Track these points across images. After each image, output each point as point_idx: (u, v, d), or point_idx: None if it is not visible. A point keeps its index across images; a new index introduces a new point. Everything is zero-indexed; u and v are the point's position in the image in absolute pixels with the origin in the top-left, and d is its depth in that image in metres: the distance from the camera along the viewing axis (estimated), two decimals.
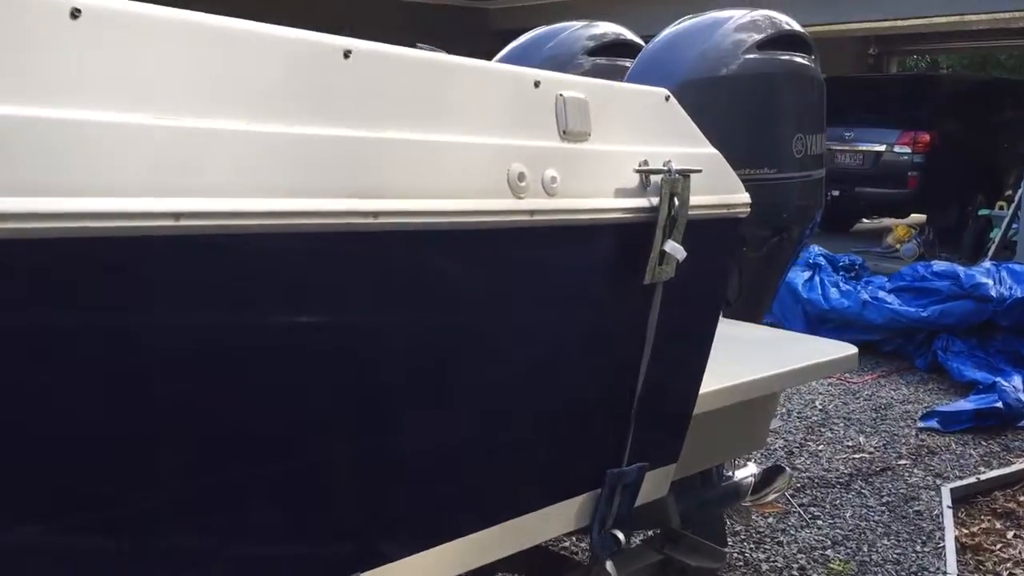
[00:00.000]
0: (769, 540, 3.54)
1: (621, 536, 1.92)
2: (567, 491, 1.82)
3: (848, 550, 3.48)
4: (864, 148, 11.26)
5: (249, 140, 1.20)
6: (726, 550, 3.37)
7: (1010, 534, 3.73)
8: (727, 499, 3.20)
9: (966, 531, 3.75)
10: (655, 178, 1.71)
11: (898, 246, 10.37)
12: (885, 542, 3.56)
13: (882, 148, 11.13)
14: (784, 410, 5.02)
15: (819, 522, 3.71)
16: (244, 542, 1.38)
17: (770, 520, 3.70)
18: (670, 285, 1.79)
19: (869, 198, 11.48)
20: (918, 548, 3.52)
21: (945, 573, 3.31)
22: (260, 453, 1.34)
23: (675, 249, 1.73)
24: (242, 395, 1.28)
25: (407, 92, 1.40)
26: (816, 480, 4.12)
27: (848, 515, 3.79)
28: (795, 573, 3.29)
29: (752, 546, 3.49)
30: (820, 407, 5.12)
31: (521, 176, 1.51)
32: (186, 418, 1.23)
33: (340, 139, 1.29)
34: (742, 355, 2.44)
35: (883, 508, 3.86)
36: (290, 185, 1.23)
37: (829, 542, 3.54)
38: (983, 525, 3.83)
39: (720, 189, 1.87)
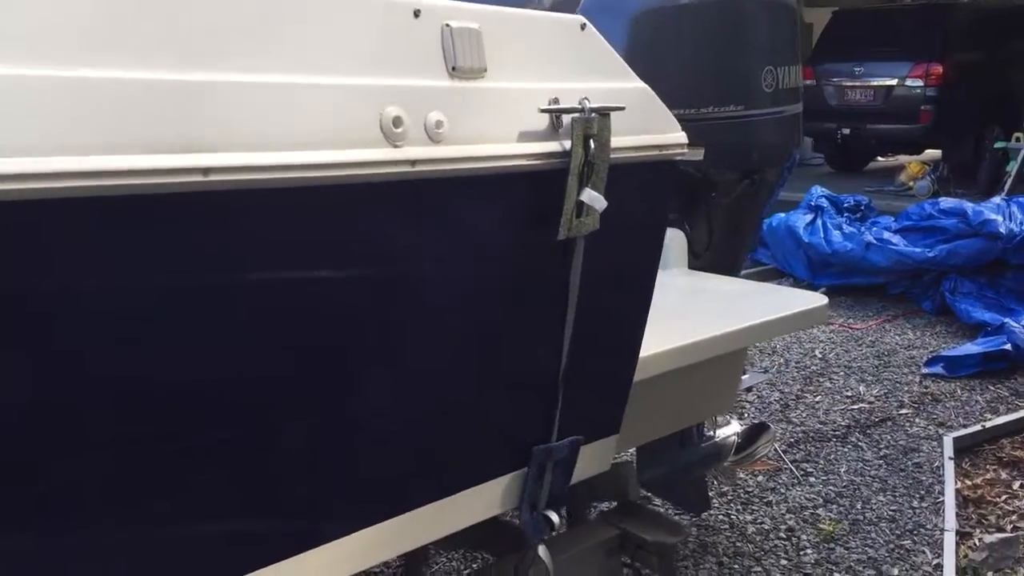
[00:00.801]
0: (757, 500, 3.36)
1: (555, 517, 1.74)
2: (489, 472, 1.64)
3: (841, 508, 3.29)
4: (875, 83, 10.88)
5: (33, 87, 1.01)
6: (708, 512, 3.21)
7: (1016, 484, 3.53)
8: (707, 460, 3.02)
9: (969, 483, 3.55)
10: (567, 118, 1.50)
11: (911, 184, 10.04)
12: (880, 498, 3.37)
13: (893, 82, 10.75)
14: (782, 360, 4.82)
15: (811, 479, 3.53)
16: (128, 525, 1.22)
17: (759, 478, 3.52)
18: (596, 239, 1.59)
19: (881, 135, 11.13)
20: (915, 503, 3.33)
21: (943, 530, 3.12)
22: (130, 443, 1.17)
23: (593, 199, 1.53)
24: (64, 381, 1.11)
25: (245, 23, 1.20)
26: (811, 434, 3.93)
27: (843, 470, 3.59)
28: (783, 535, 3.12)
29: (739, 507, 3.31)
30: (820, 355, 4.91)
31: (397, 121, 1.30)
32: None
33: (152, 83, 1.09)
34: (702, 310, 2.24)
35: (880, 462, 3.67)
36: (88, 140, 1.04)
37: (821, 500, 3.36)
38: (987, 476, 3.63)
39: (651, 128, 1.66)
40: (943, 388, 4.45)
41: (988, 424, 3.99)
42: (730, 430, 3.11)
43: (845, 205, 6.44)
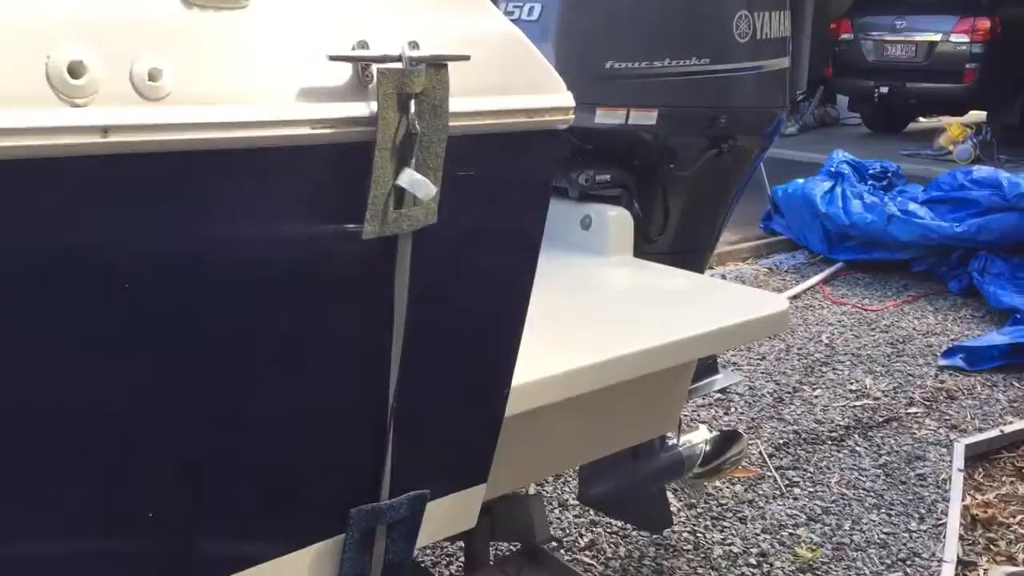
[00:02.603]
0: (731, 515, 2.94)
1: None
2: (287, 541, 1.24)
3: (825, 529, 2.86)
4: (917, 38, 10.20)
5: None
6: (670, 528, 2.80)
7: None
8: (666, 474, 2.61)
9: (979, 498, 3.11)
10: (375, 70, 1.07)
11: (951, 148, 9.37)
12: (873, 517, 2.93)
13: (937, 37, 10.05)
14: (782, 346, 4.36)
15: (796, 490, 3.09)
16: None
17: (737, 488, 3.10)
18: (441, 235, 1.16)
19: (922, 94, 10.44)
20: (913, 525, 2.89)
21: (941, 561, 2.69)
22: None
23: (415, 183, 1.10)
24: None
25: None
26: (804, 435, 3.48)
27: (834, 481, 3.15)
28: (752, 561, 2.70)
29: (708, 523, 2.89)
30: (826, 341, 4.44)
31: (76, 69, 0.88)
32: None
33: None
34: (637, 313, 1.81)
35: (878, 471, 3.22)
36: None
37: (804, 518, 2.93)
38: (1002, 490, 3.17)
39: (518, 86, 1.22)
40: (960, 383, 3.98)
41: (1007, 429, 3.52)
42: (697, 438, 2.69)
43: (870, 172, 5.91)
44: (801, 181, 5.81)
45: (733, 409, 3.67)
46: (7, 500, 0.97)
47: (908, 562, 2.70)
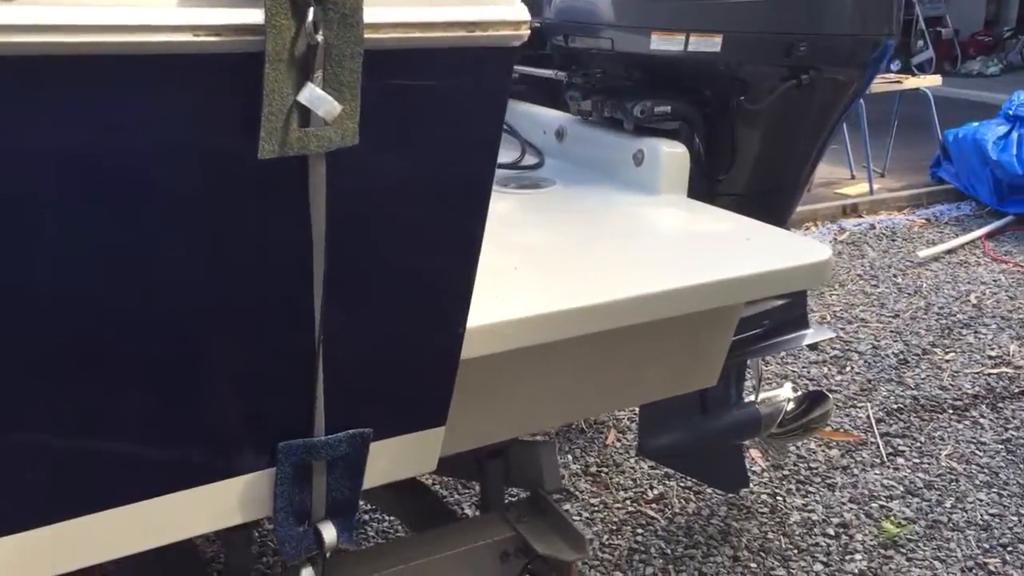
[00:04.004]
0: (819, 481, 2.73)
1: (329, 533, 1.29)
2: (218, 469, 1.21)
3: (923, 504, 2.62)
4: None
5: None
6: (746, 491, 2.64)
7: None
8: (739, 431, 2.47)
9: None
10: None
11: None
12: (981, 496, 2.66)
13: None
14: (923, 303, 4.01)
15: (899, 460, 2.84)
16: None
17: (833, 452, 2.88)
18: (363, 157, 1.08)
19: None
20: None
21: None
22: None
23: (317, 100, 1.01)
24: None
25: None
26: (922, 401, 3.19)
27: (944, 453, 2.88)
28: (831, 532, 2.50)
29: (792, 487, 2.70)
30: (974, 301, 4.05)
31: None
32: None
33: None
34: (662, 255, 1.67)
35: (1000, 447, 2.91)
36: None
37: (900, 490, 2.69)
38: None
39: None
40: None
41: None
42: (778, 396, 2.52)
43: None
44: (975, 124, 5.30)
45: (849, 368, 3.41)
46: None
47: (1010, 548, 2.43)
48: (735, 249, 1.67)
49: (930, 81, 5.95)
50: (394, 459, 1.33)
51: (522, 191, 1.95)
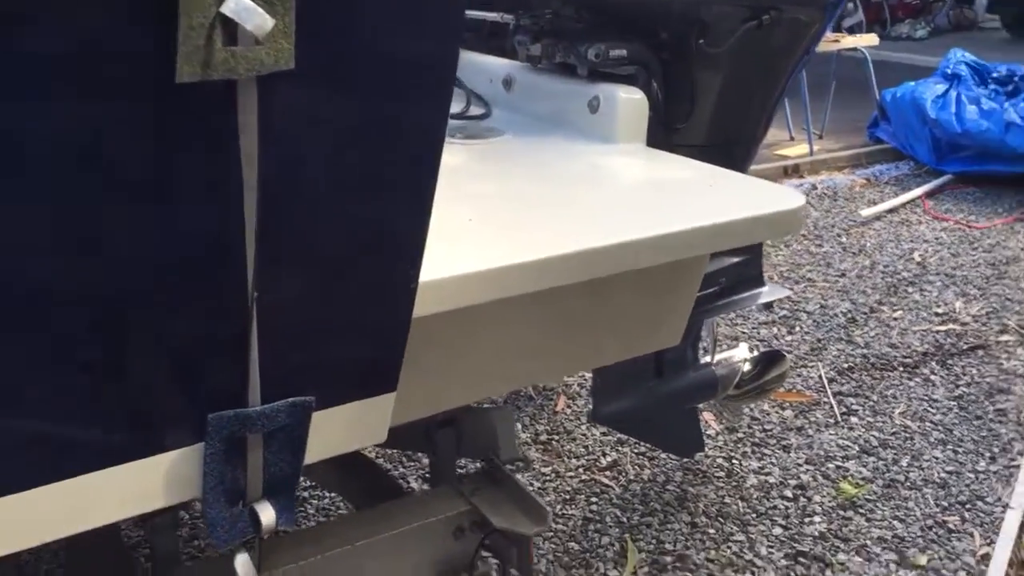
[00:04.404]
0: (774, 443, 2.67)
1: (267, 515, 1.15)
2: (145, 445, 1.06)
3: (879, 463, 2.57)
4: None
5: None
6: (701, 455, 2.56)
7: None
8: (694, 393, 2.38)
9: None
10: None
11: None
12: (936, 453, 2.62)
13: None
14: (867, 262, 3.98)
15: (853, 419, 2.79)
16: None
17: (787, 413, 2.82)
18: (304, 83, 0.94)
19: None
20: (981, 466, 2.57)
21: (1007, 507, 2.38)
22: None
23: (245, 12, 0.87)
24: None
25: None
26: (872, 360, 3.15)
27: (898, 412, 2.84)
28: (789, 494, 2.44)
29: (747, 450, 2.64)
30: (918, 259, 4.04)
31: None
32: None
33: None
34: (622, 203, 1.55)
35: (952, 403, 2.88)
36: None
37: (856, 450, 2.64)
38: None
39: None
40: None
41: None
42: (734, 356, 2.44)
43: (993, 75, 5.32)
44: (912, 84, 5.29)
45: (798, 328, 3.36)
46: None
47: (968, 505, 2.40)
48: (701, 198, 1.56)
49: (867, 40, 5.93)
50: (340, 430, 1.20)
51: (470, 141, 1.81)
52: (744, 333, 3.29)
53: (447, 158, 1.12)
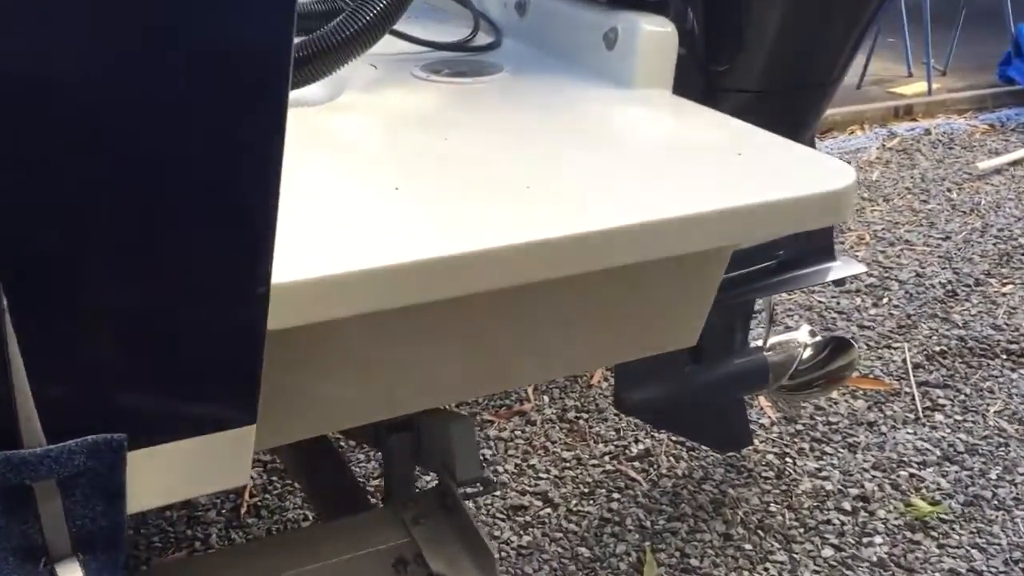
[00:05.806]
0: (838, 439, 2.30)
1: (73, 574, 0.89)
2: None
3: (962, 474, 2.17)
4: None
5: None
6: (748, 450, 2.22)
7: None
8: (743, 382, 2.04)
9: None
10: None
11: None
12: None
13: None
14: (979, 224, 3.48)
15: (938, 416, 2.39)
16: None
17: (858, 403, 2.43)
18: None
19: None
20: None
21: None
22: None
23: None
24: None
25: None
26: (971, 343, 2.71)
27: (993, 410, 2.42)
28: (847, 506, 2.07)
29: (805, 446, 2.27)
30: None
31: None
32: None
33: None
34: (635, 173, 1.19)
35: None
36: None
37: (937, 454, 2.24)
38: None
39: None
40: None
41: None
42: (794, 340, 2.08)
43: None
44: None
45: (886, 300, 2.93)
46: None
47: None
48: (720, 171, 1.19)
49: None
50: (178, 472, 0.91)
51: (455, 80, 1.47)
52: (820, 303, 2.89)
53: (418, 99, 0.80)
